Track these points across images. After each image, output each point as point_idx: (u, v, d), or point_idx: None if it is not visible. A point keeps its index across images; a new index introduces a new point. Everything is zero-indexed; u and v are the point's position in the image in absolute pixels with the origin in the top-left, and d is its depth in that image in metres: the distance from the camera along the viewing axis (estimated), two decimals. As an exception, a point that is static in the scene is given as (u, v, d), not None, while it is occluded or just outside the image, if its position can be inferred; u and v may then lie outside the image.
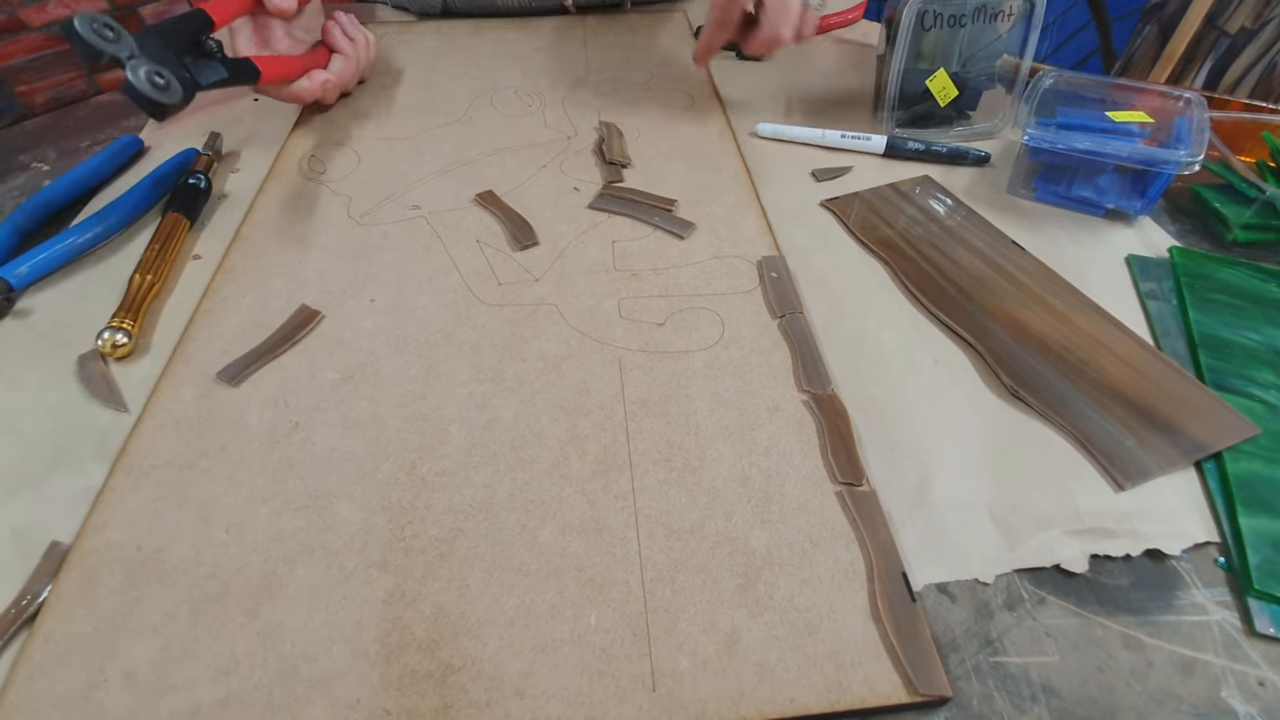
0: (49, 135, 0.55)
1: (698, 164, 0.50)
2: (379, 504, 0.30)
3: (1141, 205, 0.45)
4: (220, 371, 0.35)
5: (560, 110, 0.57)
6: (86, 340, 0.36)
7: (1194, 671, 0.25)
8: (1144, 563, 0.29)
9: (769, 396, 0.34)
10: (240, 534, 0.29)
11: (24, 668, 0.25)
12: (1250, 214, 0.44)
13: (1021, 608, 0.27)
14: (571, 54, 0.65)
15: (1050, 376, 0.35)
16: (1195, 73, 0.65)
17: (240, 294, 0.40)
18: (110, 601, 0.27)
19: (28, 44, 0.50)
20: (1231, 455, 0.32)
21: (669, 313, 0.39)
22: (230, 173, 0.50)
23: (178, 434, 0.32)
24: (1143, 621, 0.27)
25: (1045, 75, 0.49)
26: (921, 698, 0.24)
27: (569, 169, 0.50)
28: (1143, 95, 0.48)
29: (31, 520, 0.30)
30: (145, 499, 0.30)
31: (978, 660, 0.26)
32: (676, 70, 0.63)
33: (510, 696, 0.24)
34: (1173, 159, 0.42)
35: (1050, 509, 0.30)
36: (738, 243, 0.43)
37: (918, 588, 0.27)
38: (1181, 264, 0.42)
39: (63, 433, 0.33)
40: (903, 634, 0.25)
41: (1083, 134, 0.44)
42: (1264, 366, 0.36)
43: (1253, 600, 0.27)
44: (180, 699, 0.24)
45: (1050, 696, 0.25)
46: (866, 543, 0.28)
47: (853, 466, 0.31)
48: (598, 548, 0.28)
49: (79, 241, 0.42)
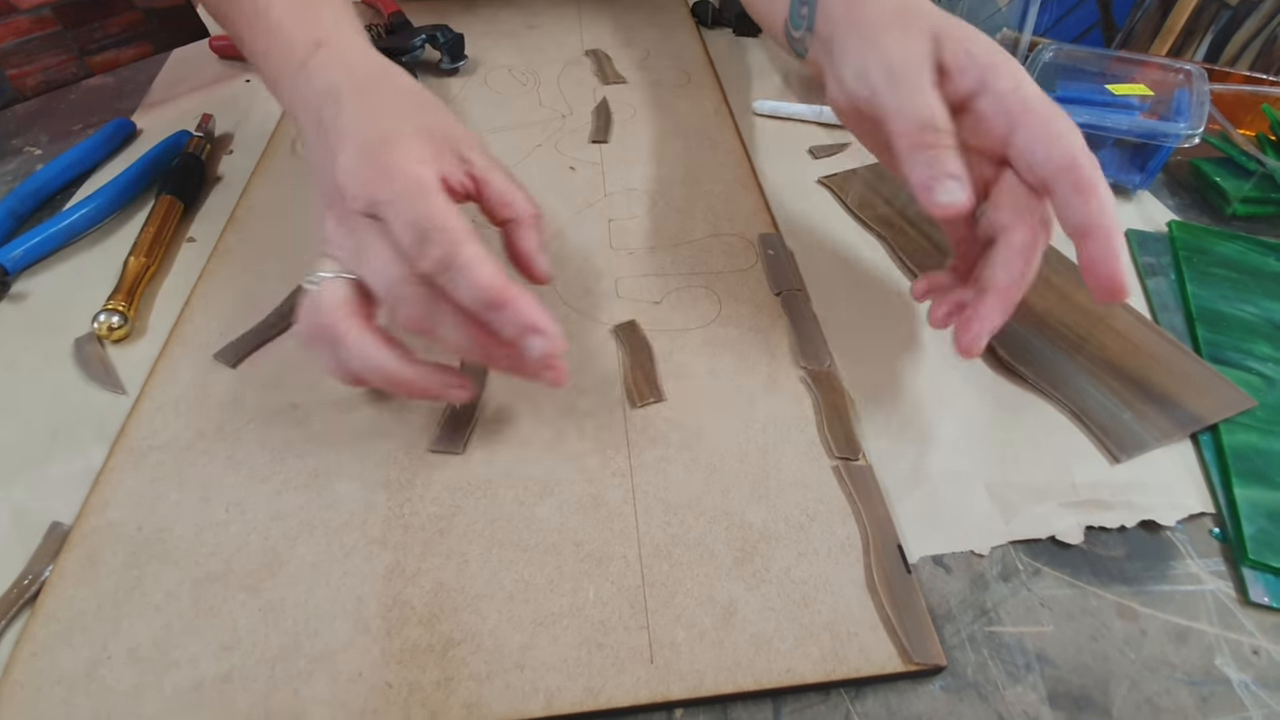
0: (41, 119, 0.55)
1: (695, 141, 0.50)
2: (378, 482, 0.30)
3: (1141, 179, 0.45)
4: (218, 353, 0.35)
5: (555, 89, 0.56)
6: (83, 323, 0.36)
7: (1188, 640, 0.26)
8: (1139, 534, 0.29)
9: (766, 373, 0.34)
10: (240, 513, 0.29)
11: (27, 645, 0.25)
12: (1249, 187, 0.44)
13: (1017, 579, 0.27)
14: (566, 31, 0.65)
15: (1047, 351, 0.35)
16: (1196, 45, 0.65)
17: (236, 276, 0.40)
18: (112, 580, 0.27)
19: (16, 27, 0.49)
20: (1227, 427, 0.32)
21: (666, 291, 0.39)
22: (224, 154, 0.50)
23: (176, 415, 0.32)
24: (1137, 591, 0.27)
25: (1045, 49, 0.49)
26: (917, 667, 0.24)
27: (564, 148, 0.50)
28: (1143, 68, 0.48)
29: (32, 501, 0.30)
30: (145, 479, 0.30)
31: (973, 630, 0.26)
32: (673, 47, 0.62)
33: (510, 669, 0.24)
34: (1173, 132, 0.41)
35: (1046, 482, 0.30)
36: (735, 220, 0.43)
37: (913, 560, 0.28)
38: (1180, 238, 0.42)
39: (61, 415, 0.33)
40: (898, 605, 0.26)
41: (1082, 107, 0.44)
42: (1261, 340, 0.36)
43: (1247, 570, 0.27)
44: (183, 674, 0.24)
45: (1044, 665, 0.25)
46: (863, 516, 0.28)
47: (849, 441, 0.31)
48: (596, 523, 0.28)
49: (73, 224, 0.41)
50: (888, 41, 0.30)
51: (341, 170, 0.27)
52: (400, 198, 0.26)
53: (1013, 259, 0.29)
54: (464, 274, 0.25)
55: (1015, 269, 0.29)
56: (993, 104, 0.28)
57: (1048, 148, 0.27)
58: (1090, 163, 0.26)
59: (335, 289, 0.28)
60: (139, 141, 0.51)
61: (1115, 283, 0.26)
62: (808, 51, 0.37)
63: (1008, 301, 0.29)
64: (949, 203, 0.27)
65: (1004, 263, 0.29)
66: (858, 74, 0.30)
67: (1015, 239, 0.29)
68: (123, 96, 0.57)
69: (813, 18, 0.35)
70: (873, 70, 0.30)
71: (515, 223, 0.31)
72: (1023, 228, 0.28)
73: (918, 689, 0.24)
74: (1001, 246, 0.29)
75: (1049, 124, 0.27)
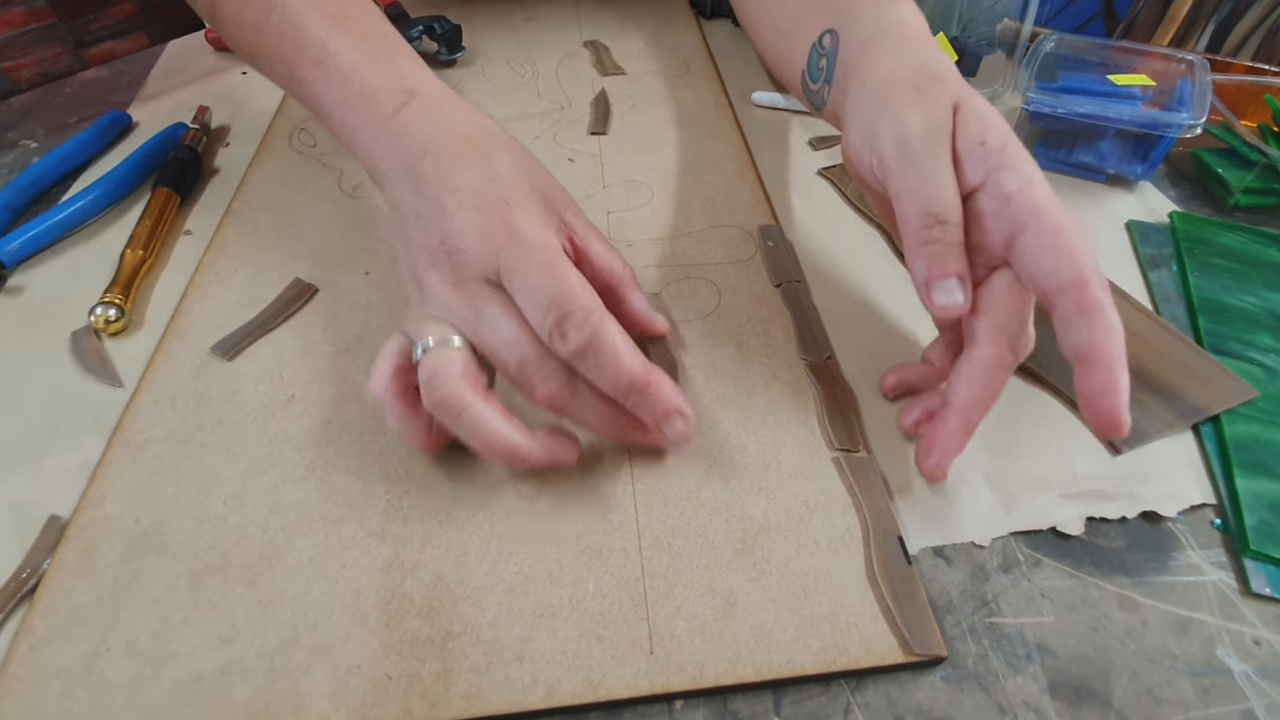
0: (36, 112, 0.54)
1: (694, 132, 0.50)
2: (376, 474, 0.30)
3: (1143, 170, 0.45)
4: (215, 346, 0.35)
5: (554, 80, 0.56)
6: (79, 316, 0.36)
7: (1189, 631, 0.26)
8: (1140, 525, 0.29)
9: (766, 365, 0.34)
10: (239, 505, 0.29)
11: (25, 639, 0.25)
12: (1251, 178, 0.43)
13: (1017, 570, 0.27)
14: (564, 22, 0.64)
15: (1049, 342, 0.35)
16: (1198, 35, 0.64)
17: (233, 269, 0.39)
18: (110, 573, 0.27)
19: (10, 19, 0.49)
20: (1229, 418, 0.32)
21: (665, 282, 0.38)
22: (220, 147, 0.49)
23: (174, 408, 0.32)
24: (1138, 582, 0.27)
25: (1046, 39, 0.49)
26: (917, 658, 0.24)
27: (563, 139, 0.49)
28: (1145, 58, 0.48)
29: (29, 495, 0.30)
30: (142, 472, 0.30)
31: (973, 621, 0.26)
32: (671, 38, 0.62)
33: (510, 660, 0.24)
34: (1174, 122, 0.41)
35: (1047, 473, 0.30)
36: (734, 212, 0.43)
37: (914, 551, 0.28)
38: (1182, 229, 0.42)
39: (58, 408, 0.33)
40: (898, 596, 0.26)
41: (1084, 98, 0.44)
42: (1263, 330, 0.36)
43: (1249, 560, 0.27)
44: (182, 667, 0.24)
45: (1045, 655, 0.25)
46: (863, 508, 0.28)
47: (849, 433, 0.31)
48: (595, 515, 0.28)
49: (69, 218, 0.41)
50: (903, 107, 0.27)
51: (458, 231, 0.26)
52: (532, 268, 0.25)
53: (976, 375, 0.27)
54: (607, 359, 0.24)
55: (978, 387, 0.27)
56: (998, 204, 0.26)
57: (1055, 261, 0.24)
58: (1099, 281, 0.24)
59: (454, 358, 0.26)
60: (135, 134, 0.51)
61: (1114, 418, 0.24)
62: (825, 105, 0.34)
63: (969, 422, 0.27)
64: (947, 304, 0.26)
65: (968, 377, 0.27)
66: (868, 138, 0.28)
67: (985, 353, 0.27)
68: (118, 89, 0.57)
69: (831, 70, 0.33)
70: (884, 138, 0.27)
71: (618, 285, 0.30)
72: (994, 345, 0.27)
73: (918, 680, 0.24)
74: (970, 358, 0.27)
75: (1058, 235, 0.24)
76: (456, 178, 0.27)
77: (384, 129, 0.30)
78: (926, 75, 0.28)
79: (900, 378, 0.31)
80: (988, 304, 0.27)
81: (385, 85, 0.31)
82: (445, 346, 0.26)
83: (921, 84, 0.27)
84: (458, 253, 0.26)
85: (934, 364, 0.31)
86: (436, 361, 0.26)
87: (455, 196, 0.26)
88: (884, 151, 0.27)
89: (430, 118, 0.30)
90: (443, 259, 0.26)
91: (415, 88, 0.31)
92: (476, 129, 0.30)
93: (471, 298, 0.26)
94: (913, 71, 0.28)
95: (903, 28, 0.31)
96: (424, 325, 0.27)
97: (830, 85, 0.33)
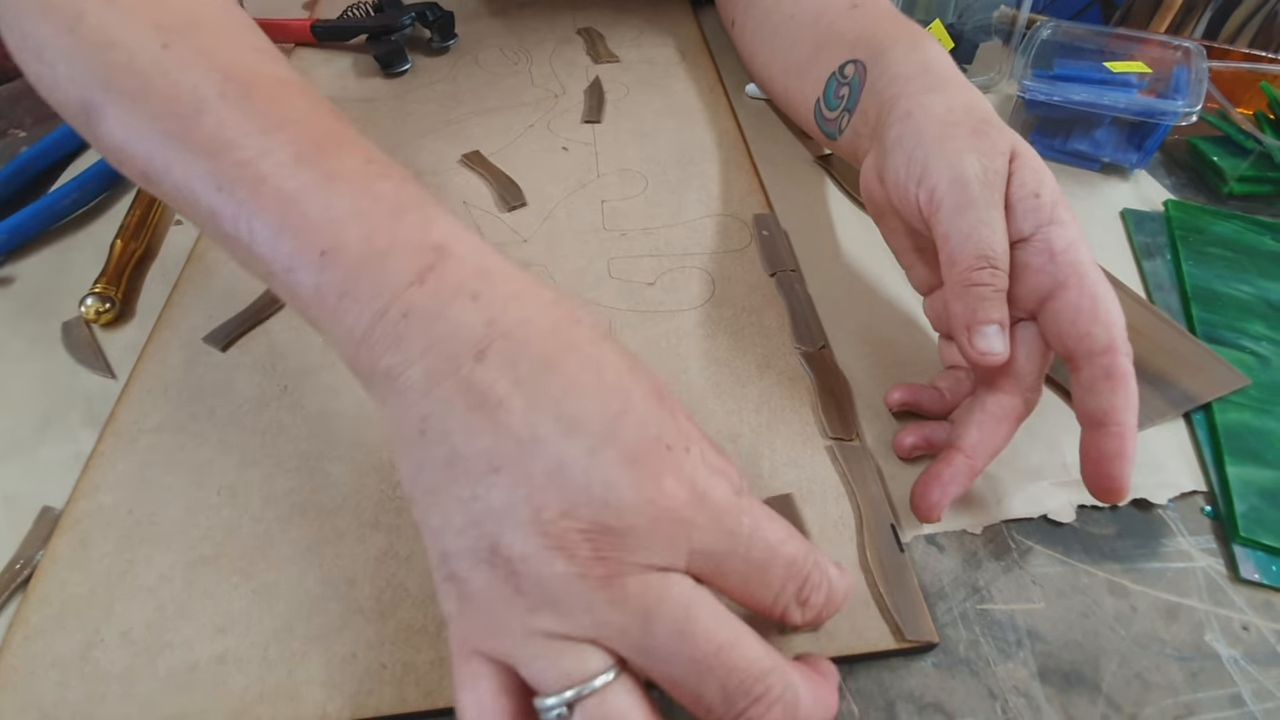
0: (25, 100, 0.54)
1: (689, 121, 0.49)
2: (370, 464, 0.30)
3: (1138, 158, 0.45)
4: (207, 336, 0.35)
5: (548, 68, 0.56)
6: (70, 307, 0.36)
7: (1178, 617, 0.26)
8: (1131, 512, 0.29)
9: (760, 354, 0.34)
10: (232, 496, 0.29)
11: (20, 630, 0.25)
12: (1247, 166, 0.43)
13: (1009, 557, 0.27)
14: (558, 9, 0.64)
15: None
16: (1195, 22, 0.64)
17: (225, 259, 0.39)
18: (104, 564, 0.27)
19: (-2, 6, 0.48)
20: (1220, 406, 0.32)
21: (660, 272, 0.38)
22: (211, 136, 0.49)
23: (166, 399, 0.32)
24: (1128, 569, 0.27)
25: (1043, 26, 0.48)
26: (909, 644, 0.24)
27: (556, 128, 0.49)
28: (1142, 45, 0.48)
29: (22, 486, 0.30)
30: (136, 463, 0.30)
31: (965, 608, 0.26)
32: (666, 25, 0.61)
33: (504, 649, 0.24)
34: (1170, 110, 0.41)
35: (1039, 461, 0.30)
36: (729, 201, 0.43)
37: (907, 539, 0.28)
38: (1176, 217, 0.42)
39: (50, 399, 0.33)
40: (891, 583, 0.26)
41: (1080, 85, 0.44)
42: (1256, 319, 0.36)
43: (1238, 547, 0.28)
44: (177, 656, 0.24)
45: (1035, 641, 0.25)
46: (856, 496, 0.28)
47: (844, 422, 0.31)
48: (589, 505, 0.28)
49: (58, 207, 0.41)
50: (961, 149, 0.27)
51: (611, 501, 0.17)
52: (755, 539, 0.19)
53: (987, 423, 0.27)
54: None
55: (988, 433, 0.27)
56: (1043, 259, 0.26)
57: (1091, 325, 0.24)
58: (1126, 349, 0.24)
59: (628, 709, 0.17)
60: (125, 123, 0.50)
61: (1118, 484, 0.24)
62: (842, 134, 0.34)
63: (974, 468, 0.27)
64: (986, 350, 0.26)
65: (979, 424, 0.27)
66: (916, 172, 0.27)
67: (1001, 402, 0.27)
68: (108, 77, 0.56)
69: (855, 99, 0.32)
70: (938, 176, 0.27)
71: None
72: (1010, 396, 0.27)
73: (910, 666, 0.25)
74: (984, 405, 0.27)
75: (1096, 301, 0.25)
76: (570, 404, 0.18)
77: (393, 304, 0.20)
78: (980, 119, 0.28)
79: (909, 397, 0.31)
80: (1013, 353, 0.27)
81: (403, 240, 0.21)
82: (610, 694, 0.17)
83: (978, 127, 0.27)
84: (611, 532, 0.17)
85: (944, 395, 0.30)
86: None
87: (579, 438, 0.18)
88: (937, 189, 0.27)
89: (483, 292, 0.20)
90: (577, 540, 0.17)
91: (444, 243, 0.21)
92: (560, 312, 0.20)
93: (640, 595, 0.17)
94: (965, 113, 0.28)
95: (944, 67, 0.31)
96: (546, 653, 0.18)
97: (851, 114, 0.33)
